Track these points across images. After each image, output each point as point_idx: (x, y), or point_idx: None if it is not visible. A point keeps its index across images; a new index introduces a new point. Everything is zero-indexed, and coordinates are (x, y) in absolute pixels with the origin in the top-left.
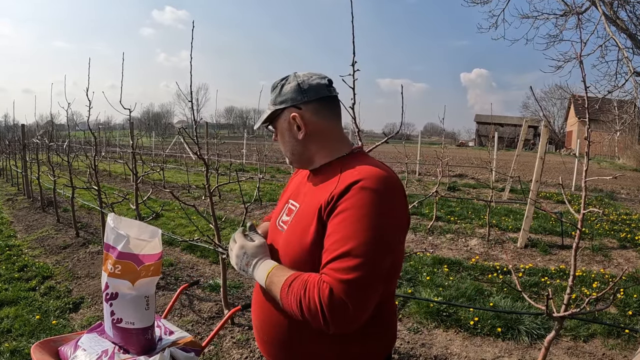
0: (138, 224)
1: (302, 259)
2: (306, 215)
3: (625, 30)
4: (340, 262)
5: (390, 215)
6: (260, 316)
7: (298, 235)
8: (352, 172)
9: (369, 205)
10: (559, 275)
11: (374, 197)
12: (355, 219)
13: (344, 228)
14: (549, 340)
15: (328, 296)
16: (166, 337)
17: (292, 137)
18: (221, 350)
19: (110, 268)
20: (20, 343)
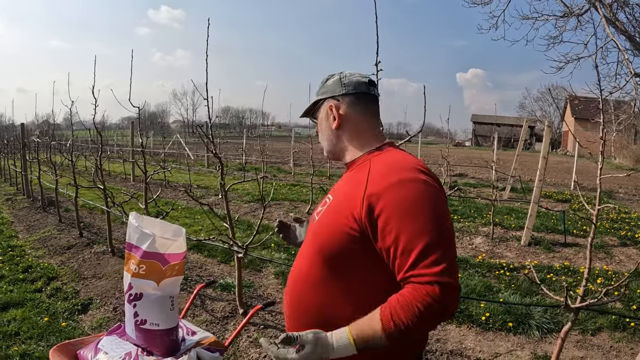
0: (160, 223)
1: (332, 250)
2: (338, 207)
3: (624, 32)
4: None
5: (439, 200)
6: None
7: (329, 227)
8: (380, 167)
9: (414, 198)
10: (563, 272)
11: (414, 187)
12: (406, 218)
13: (403, 231)
14: (565, 331)
15: (439, 294)
16: (189, 338)
17: (328, 127)
18: (238, 350)
19: (134, 268)
20: (30, 346)
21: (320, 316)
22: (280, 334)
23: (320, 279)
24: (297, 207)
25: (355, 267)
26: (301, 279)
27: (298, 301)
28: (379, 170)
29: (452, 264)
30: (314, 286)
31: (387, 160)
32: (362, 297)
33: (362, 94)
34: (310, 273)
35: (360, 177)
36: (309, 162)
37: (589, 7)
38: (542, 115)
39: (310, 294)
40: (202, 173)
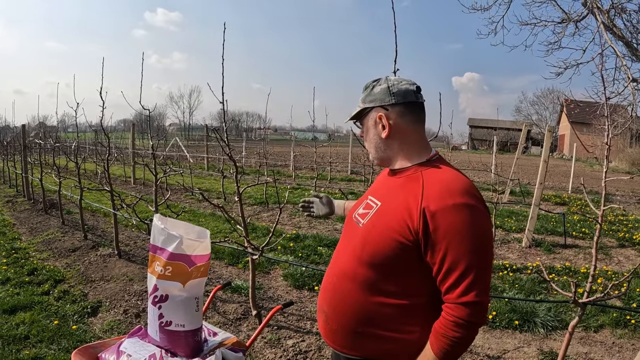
0: (184, 225)
1: (383, 254)
2: (391, 215)
3: (622, 38)
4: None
5: (485, 225)
6: (333, 304)
7: (381, 232)
8: (435, 185)
9: (466, 223)
10: (565, 272)
11: (467, 213)
12: (460, 240)
13: (451, 251)
14: (572, 325)
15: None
16: (211, 339)
17: (377, 135)
18: (254, 351)
19: (159, 270)
20: (41, 350)
21: (365, 315)
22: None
23: (368, 280)
24: (299, 211)
25: (403, 272)
26: (345, 280)
27: (341, 301)
28: (434, 187)
29: (485, 285)
30: (360, 287)
31: (441, 177)
32: (408, 298)
33: (411, 103)
34: (358, 274)
35: (414, 190)
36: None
37: (587, 14)
38: (538, 119)
39: (356, 295)
40: (202, 176)
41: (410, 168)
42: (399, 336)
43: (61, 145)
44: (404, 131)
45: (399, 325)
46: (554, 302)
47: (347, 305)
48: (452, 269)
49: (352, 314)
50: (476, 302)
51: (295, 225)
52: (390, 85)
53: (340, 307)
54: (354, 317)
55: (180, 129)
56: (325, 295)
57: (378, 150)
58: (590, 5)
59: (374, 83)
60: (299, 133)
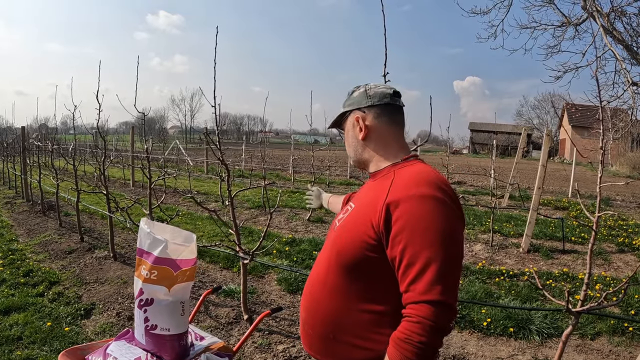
0: (171, 229)
1: (351, 257)
2: (359, 215)
3: (622, 41)
4: (421, 281)
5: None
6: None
7: (348, 235)
8: (402, 179)
9: (428, 215)
10: (562, 278)
11: (430, 204)
12: (418, 233)
13: (412, 244)
14: (566, 334)
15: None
16: (198, 343)
17: (354, 138)
18: (244, 355)
19: (145, 274)
20: (33, 351)
21: (336, 321)
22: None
23: (338, 285)
24: (298, 214)
25: (372, 275)
26: (319, 285)
27: (315, 306)
28: (401, 180)
29: (451, 284)
30: (331, 292)
31: (411, 172)
32: (378, 304)
33: (387, 105)
34: (328, 279)
35: (383, 187)
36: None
37: (587, 17)
38: (539, 123)
39: (327, 300)
40: (202, 179)
41: (385, 168)
42: (370, 345)
43: (59, 148)
44: (380, 132)
45: (370, 333)
46: (547, 310)
47: (320, 311)
48: (413, 262)
49: (324, 319)
50: (440, 302)
51: (291, 229)
52: (367, 89)
53: (314, 313)
54: (326, 323)
55: (182, 131)
56: (303, 301)
57: (356, 152)
58: (590, 9)
59: (354, 89)
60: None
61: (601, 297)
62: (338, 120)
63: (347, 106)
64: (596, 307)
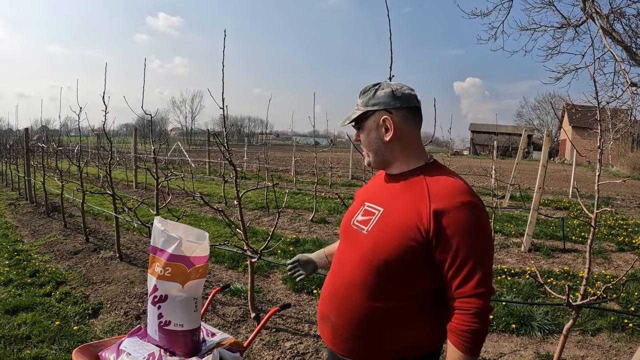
0: (183, 227)
1: (396, 258)
2: (399, 220)
3: (621, 42)
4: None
5: (487, 221)
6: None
7: (391, 237)
8: (440, 187)
9: (475, 221)
10: (563, 276)
11: (475, 212)
12: (469, 236)
13: (463, 248)
14: (567, 328)
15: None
16: (209, 339)
17: (379, 138)
18: (252, 352)
19: (159, 271)
20: (42, 350)
21: (376, 322)
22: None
23: (378, 286)
24: (301, 215)
25: (412, 274)
26: (355, 287)
27: (348, 306)
28: (440, 189)
29: (491, 275)
30: (367, 293)
31: (445, 180)
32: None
33: (413, 108)
34: (368, 281)
35: (419, 192)
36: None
37: (586, 19)
38: (540, 124)
39: (363, 300)
40: (204, 181)
41: (410, 171)
42: (409, 338)
43: (64, 149)
44: (406, 134)
45: (409, 327)
46: (548, 304)
47: (354, 313)
48: (464, 263)
49: (359, 320)
50: (489, 291)
51: (295, 230)
52: (394, 90)
53: (350, 316)
54: (361, 323)
55: (183, 133)
56: (331, 305)
57: (378, 153)
58: (589, 10)
59: (375, 87)
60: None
61: (600, 292)
62: (358, 118)
63: (372, 105)
64: (595, 302)
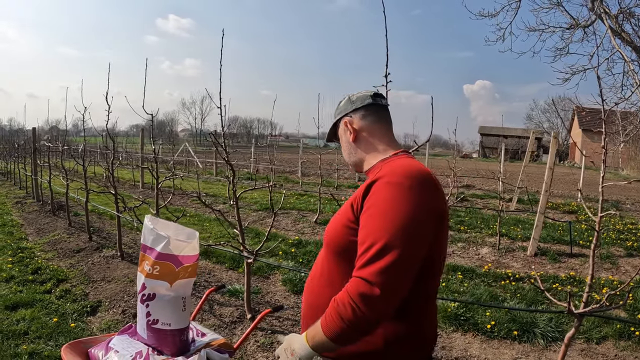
0: (174, 226)
1: (336, 240)
2: (346, 205)
3: (630, 43)
4: (362, 259)
5: (416, 210)
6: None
7: (336, 220)
8: (384, 170)
9: (389, 199)
10: (569, 282)
11: (395, 190)
12: (377, 214)
13: (368, 225)
14: (569, 337)
15: (354, 286)
16: (199, 339)
17: (347, 142)
18: (246, 354)
19: (148, 269)
20: (39, 345)
21: None
22: None
23: (335, 275)
24: (305, 217)
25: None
26: (317, 277)
27: (315, 299)
28: (383, 171)
29: (392, 271)
30: (329, 283)
31: (394, 164)
32: None
33: (370, 105)
34: (324, 271)
35: (369, 180)
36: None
37: (595, 19)
38: (550, 126)
39: (326, 291)
40: (211, 181)
41: (376, 164)
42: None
43: (69, 149)
44: (368, 131)
45: None
46: (548, 312)
47: (321, 303)
48: (363, 241)
49: (321, 310)
50: (369, 282)
51: (298, 231)
52: (350, 96)
53: (315, 306)
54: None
55: (192, 134)
56: (303, 296)
57: (350, 155)
58: (598, 10)
59: (339, 101)
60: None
61: (603, 299)
62: (334, 132)
63: (337, 115)
64: (599, 310)
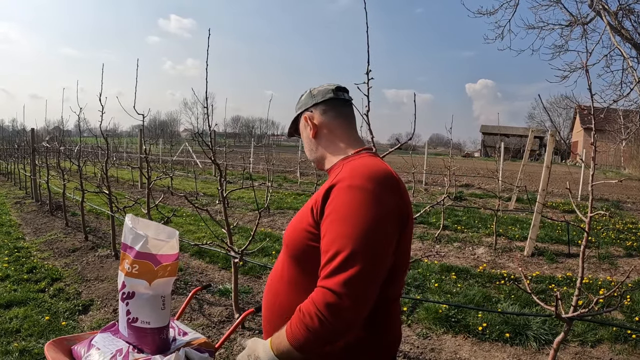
0: (155, 225)
1: (295, 244)
2: (304, 208)
3: (629, 39)
4: (327, 268)
5: (377, 214)
6: (268, 305)
7: (295, 224)
8: (345, 171)
9: (351, 204)
10: (565, 282)
11: (356, 194)
12: (339, 220)
13: (330, 231)
14: (557, 341)
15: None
16: (180, 338)
17: (307, 138)
18: (232, 354)
19: (127, 267)
20: (30, 343)
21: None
22: None
23: (292, 278)
24: None
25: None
26: (276, 279)
27: (273, 301)
28: (346, 170)
29: (358, 280)
30: (288, 285)
31: (354, 164)
32: None
33: (331, 100)
34: (284, 273)
35: (330, 180)
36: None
37: (595, 16)
38: (552, 125)
39: (284, 293)
40: (209, 181)
41: (337, 163)
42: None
43: (65, 149)
44: (329, 127)
45: None
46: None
47: (277, 305)
48: (326, 249)
49: (280, 312)
50: (336, 293)
51: None
52: (311, 90)
53: (272, 307)
54: (282, 316)
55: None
56: (263, 298)
57: (311, 152)
58: (597, 7)
59: (301, 95)
60: None
61: (592, 303)
62: (295, 127)
63: (297, 110)
64: (587, 314)
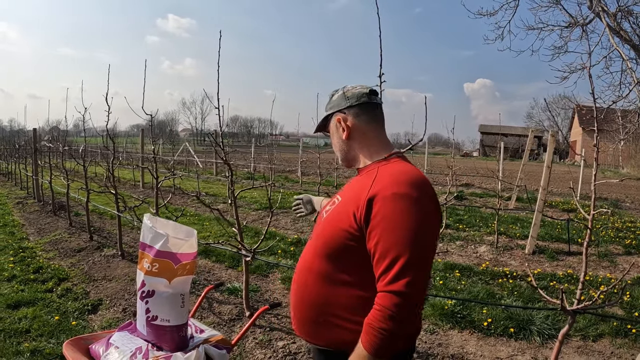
0: (173, 224)
1: (333, 245)
2: (344, 208)
3: (629, 41)
4: (388, 274)
5: (424, 218)
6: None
7: (334, 222)
8: (384, 177)
9: (402, 212)
10: (567, 279)
11: (405, 202)
12: (393, 228)
13: (385, 239)
14: (562, 333)
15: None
16: (197, 335)
17: (339, 138)
18: (244, 351)
19: (147, 266)
20: (40, 343)
21: (323, 305)
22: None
23: (324, 271)
24: None
25: (354, 262)
26: (306, 270)
27: (303, 290)
28: (383, 178)
29: (418, 279)
30: (318, 278)
31: (392, 170)
32: (361, 290)
33: (365, 104)
34: (314, 266)
35: (367, 182)
36: (316, 171)
37: (594, 17)
38: (550, 125)
39: (315, 285)
40: (211, 181)
41: (370, 165)
42: (356, 328)
43: (69, 149)
44: (362, 130)
45: (355, 317)
46: (542, 309)
47: (307, 296)
48: (384, 256)
49: (312, 303)
50: (403, 293)
51: (297, 230)
52: (345, 91)
53: (302, 298)
54: (313, 306)
55: (193, 134)
56: (292, 287)
57: (342, 151)
58: (596, 9)
59: (333, 93)
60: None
61: (596, 296)
62: (323, 124)
63: (329, 109)
64: (592, 307)
